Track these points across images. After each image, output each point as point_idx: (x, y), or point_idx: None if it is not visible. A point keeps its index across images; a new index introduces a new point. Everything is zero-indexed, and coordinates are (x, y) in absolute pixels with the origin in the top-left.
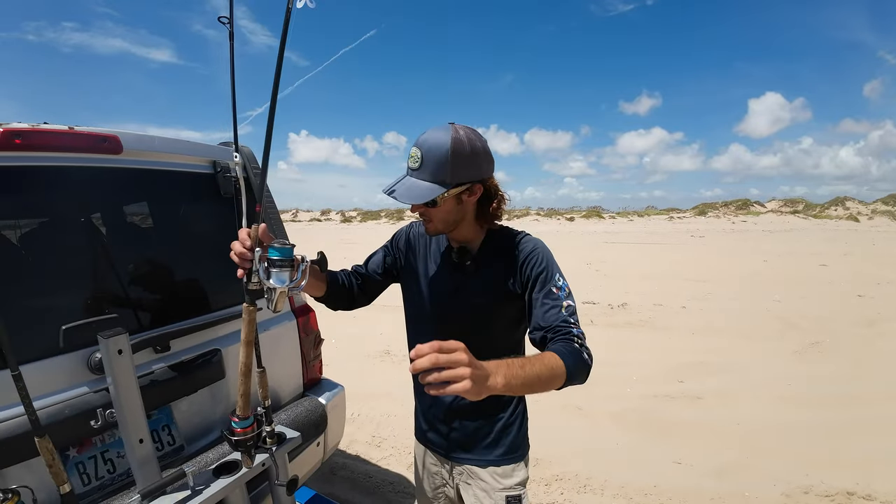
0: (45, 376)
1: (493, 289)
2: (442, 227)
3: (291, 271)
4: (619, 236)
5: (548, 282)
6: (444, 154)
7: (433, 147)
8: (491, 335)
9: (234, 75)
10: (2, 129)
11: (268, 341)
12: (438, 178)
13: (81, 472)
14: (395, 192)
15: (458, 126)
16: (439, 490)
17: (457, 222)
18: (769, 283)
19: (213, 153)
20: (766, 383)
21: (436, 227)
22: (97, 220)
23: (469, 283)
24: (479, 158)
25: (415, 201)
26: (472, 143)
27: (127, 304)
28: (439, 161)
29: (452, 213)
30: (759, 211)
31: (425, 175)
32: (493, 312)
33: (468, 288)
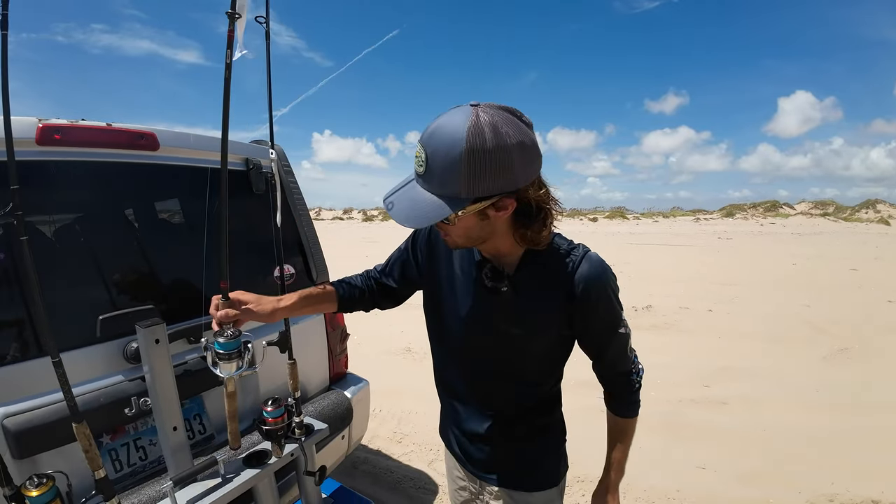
0: (81, 365)
1: (529, 321)
2: (463, 243)
3: (238, 360)
4: (643, 237)
5: (613, 326)
6: (455, 158)
7: (442, 146)
8: (522, 368)
9: (269, 74)
10: (42, 124)
11: (296, 335)
12: (448, 191)
13: (114, 459)
14: (393, 206)
15: (484, 110)
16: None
17: (483, 238)
18: (798, 287)
19: (246, 151)
20: (793, 389)
21: (455, 241)
22: (133, 214)
23: (500, 310)
24: (513, 160)
25: (413, 225)
26: (502, 139)
27: (161, 296)
28: (449, 168)
29: (475, 230)
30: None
31: (431, 185)
32: (528, 346)
33: (499, 315)
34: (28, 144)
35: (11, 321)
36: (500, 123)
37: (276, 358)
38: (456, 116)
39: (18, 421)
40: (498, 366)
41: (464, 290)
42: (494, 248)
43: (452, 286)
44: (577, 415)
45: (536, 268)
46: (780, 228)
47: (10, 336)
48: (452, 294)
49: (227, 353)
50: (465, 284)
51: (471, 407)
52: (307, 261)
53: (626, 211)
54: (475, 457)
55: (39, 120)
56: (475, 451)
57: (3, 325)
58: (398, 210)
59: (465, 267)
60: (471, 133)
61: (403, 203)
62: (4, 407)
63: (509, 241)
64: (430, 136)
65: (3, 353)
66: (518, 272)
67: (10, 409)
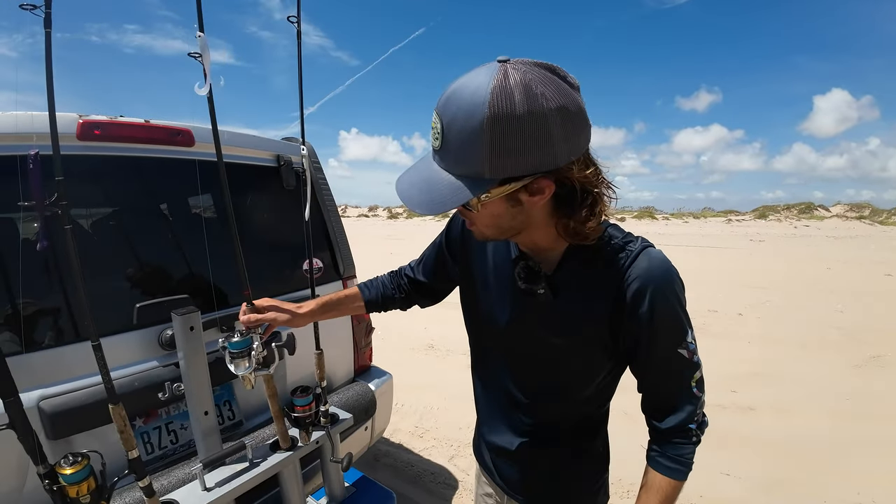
0: (118, 350)
1: (571, 330)
2: (492, 235)
3: (248, 358)
4: (672, 238)
5: (675, 340)
6: (476, 128)
7: (460, 112)
8: (562, 384)
9: (301, 72)
10: (82, 120)
11: (322, 327)
12: (468, 170)
13: (146, 442)
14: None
15: (515, 66)
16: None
17: (517, 229)
18: (831, 292)
19: (277, 147)
20: (823, 396)
21: (482, 232)
22: (169, 208)
23: (538, 316)
24: (550, 130)
25: (427, 211)
26: (536, 103)
27: (196, 287)
28: (468, 141)
29: (506, 219)
30: (823, 215)
31: (448, 163)
32: (569, 360)
33: (536, 321)
34: (69, 139)
35: (51, 308)
36: (535, 83)
37: (304, 348)
38: (478, 76)
39: (54, 403)
40: (535, 378)
41: (499, 290)
42: (532, 242)
43: (487, 284)
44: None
45: (581, 266)
46: (814, 231)
47: (48, 322)
48: (487, 293)
49: (238, 352)
50: (501, 283)
51: (504, 418)
52: (334, 254)
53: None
54: (504, 473)
55: (80, 116)
56: (505, 467)
57: (43, 311)
58: (411, 193)
59: (499, 263)
60: (495, 96)
61: (417, 185)
62: (41, 389)
63: (550, 233)
64: (447, 100)
65: (41, 337)
66: (558, 271)
67: (46, 391)
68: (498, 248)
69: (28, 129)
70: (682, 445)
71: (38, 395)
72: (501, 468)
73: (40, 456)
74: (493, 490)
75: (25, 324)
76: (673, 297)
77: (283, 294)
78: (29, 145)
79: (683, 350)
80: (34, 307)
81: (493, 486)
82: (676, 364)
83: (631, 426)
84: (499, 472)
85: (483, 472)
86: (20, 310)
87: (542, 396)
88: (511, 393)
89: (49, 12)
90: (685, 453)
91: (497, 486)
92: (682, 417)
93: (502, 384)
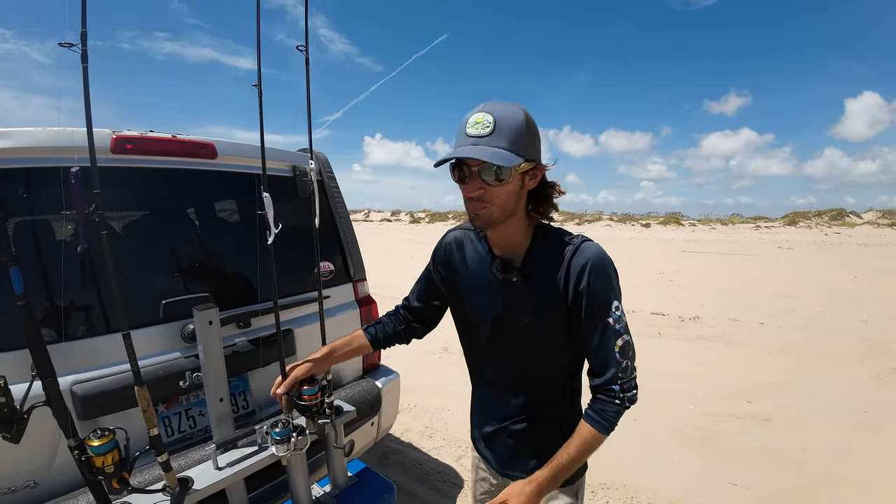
0: (145, 341)
1: (541, 310)
2: (498, 213)
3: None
4: (698, 245)
5: (602, 310)
6: (519, 123)
7: (507, 114)
8: (543, 362)
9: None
10: (115, 135)
11: (332, 327)
12: (514, 147)
13: (167, 426)
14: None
15: None
16: (486, 496)
17: (512, 211)
18: (858, 302)
19: (292, 158)
20: (841, 409)
21: (491, 211)
22: (194, 214)
23: (515, 302)
24: (539, 140)
25: (500, 161)
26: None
27: (217, 286)
28: (515, 129)
29: (513, 197)
30: (855, 222)
31: (500, 141)
32: (545, 338)
33: (514, 308)
34: (103, 153)
35: (87, 303)
36: None
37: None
38: (505, 102)
39: (85, 387)
40: (521, 360)
41: (480, 293)
42: (506, 237)
43: (470, 292)
44: None
45: (541, 258)
46: (844, 238)
47: (83, 315)
48: (471, 299)
49: (280, 439)
50: (481, 287)
51: (497, 402)
52: (346, 259)
53: (681, 217)
54: (499, 454)
55: (113, 132)
56: (499, 448)
57: (79, 306)
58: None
59: (478, 272)
60: (524, 111)
61: (480, 152)
62: (74, 375)
63: (522, 225)
64: (491, 106)
65: (75, 328)
66: (525, 264)
67: (79, 376)
68: (475, 261)
69: (68, 144)
70: (606, 403)
71: (72, 380)
72: (497, 450)
73: (72, 430)
74: (488, 474)
75: (63, 316)
76: (603, 275)
77: (298, 294)
78: (70, 158)
79: (610, 318)
80: (71, 302)
81: (488, 470)
82: (603, 330)
83: (639, 433)
84: (493, 456)
85: (480, 459)
86: (59, 304)
87: (526, 380)
88: (500, 383)
89: (85, 49)
90: (608, 410)
91: (493, 469)
92: (607, 377)
93: (493, 377)
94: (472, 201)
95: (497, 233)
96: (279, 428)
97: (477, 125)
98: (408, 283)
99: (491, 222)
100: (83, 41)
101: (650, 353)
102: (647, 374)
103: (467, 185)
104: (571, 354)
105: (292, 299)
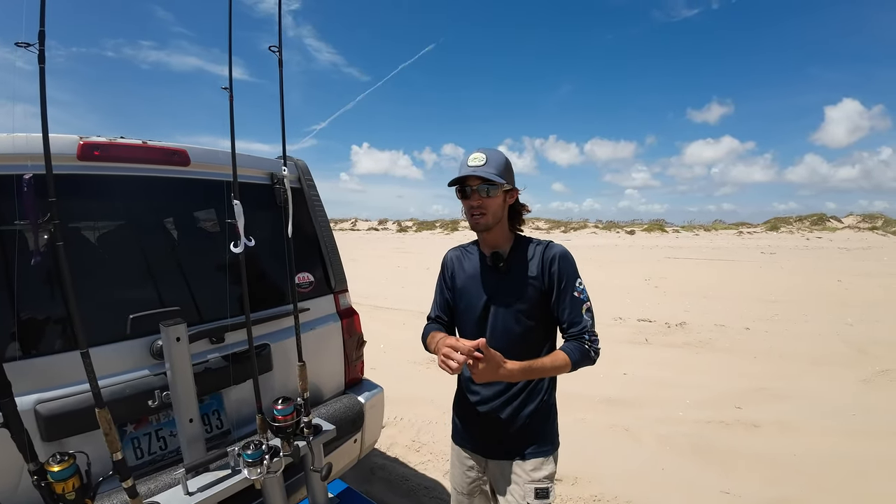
0: (112, 358)
1: (526, 289)
2: (491, 220)
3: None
4: (682, 251)
5: (570, 284)
6: (503, 159)
7: (493, 153)
8: (528, 335)
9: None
10: (82, 141)
11: (313, 340)
12: (499, 174)
13: (136, 447)
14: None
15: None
16: (475, 485)
17: (500, 219)
18: (842, 305)
19: (269, 166)
20: (830, 413)
21: (487, 218)
22: (165, 224)
23: (505, 285)
24: (513, 172)
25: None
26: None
27: (188, 299)
28: (501, 163)
29: (500, 209)
30: (836, 226)
31: (490, 169)
32: (525, 308)
33: (505, 288)
34: (70, 160)
35: (49, 318)
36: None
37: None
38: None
39: (50, 407)
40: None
41: (477, 281)
42: (495, 239)
43: (467, 287)
44: (599, 432)
45: (521, 253)
46: (826, 243)
47: (46, 330)
48: (468, 293)
49: (253, 461)
50: (476, 281)
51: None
52: (326, 269)
53: (665, 224)
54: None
55: (80, 138)
56: (479, 428)
57: (41, 320)
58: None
59: (474, 269)
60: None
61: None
62: (38, 393)
63: (506, 231)
64: (485, 150)
65: (39, 345)
66: (509, 257)
67: (43, 395)
68: (471, 263)
69: (25, 151)
70: (577, 343)
71: (34, 399)
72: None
73: (31, 454)
74: (474, 462)
75: (24, 331)
76: (569, 261)
77: (274, 307)
78: (25, 166)
79: (575, 291)
80: (32, 317)
81: (474, 457)
82: (573, 298)
83: (630, 442)
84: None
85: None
86: (19, 318)
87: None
88: None
89: (42, 49)
90: (578, 348)
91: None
92: (579, 328)
93: None
94: (472, 211)
95: (491, 235)
96: (251, 450)
97: (475, 159)
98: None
99: (487, 226)
100: (41, 41)
101: (638, 360)
102: (635, 382)
103: (469, 199)
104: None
105: (268, 312)
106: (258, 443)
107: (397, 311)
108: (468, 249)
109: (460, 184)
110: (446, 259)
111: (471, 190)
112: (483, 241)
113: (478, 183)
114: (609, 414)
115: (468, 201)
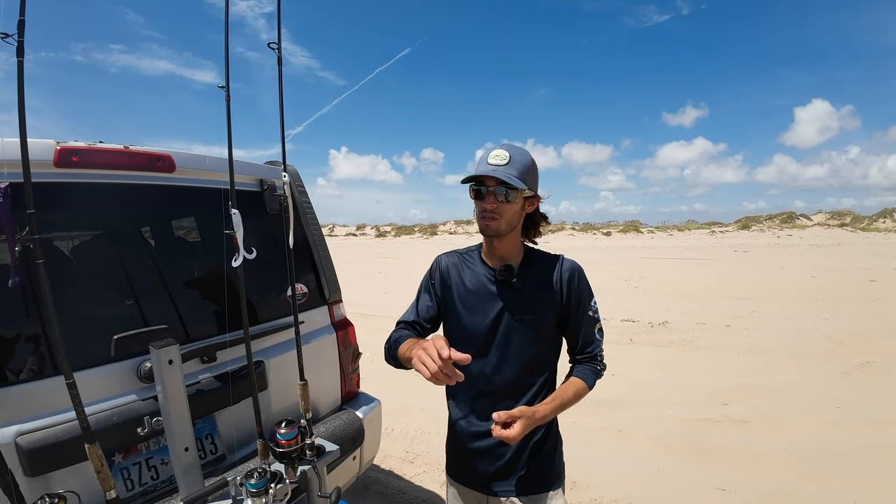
0: (96, 384)
1: (542, 307)
2: (505, 227)
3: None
4: (658, 251)
5: (586, 303)
6: (528, 160)
7: (519, 153)
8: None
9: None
10: (59, 147)
11: (308, 354)
12: (521, 177)
13: (125, 478)
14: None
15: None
16: None
17: (514, 227)
18: (817, 300)
19: (260, 171)
20: (815, 406)
21: (499, 224)
22: (149, 234)
23: (518, 302)
24: (538, 177)
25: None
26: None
27: (177, 317)
28: (525, 164)
29: (516, 216)
30: (805, 224)
31: (513, 171)
32: (541, 328)
33: (518, 307)
34: (46, 166)
35: (28, 341)
36: None
37: (289, 377)
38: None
39: (32, 439)
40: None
41: (481, 295)
42: (506, 249)
43: (467, 302)
44: (593, 435)
45: (532, 267)
46: (797, 240)
47: (26, 355)
48: (468, 308)
49: (258, 491)
50: (480, 296)
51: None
52: (319, 279)
53: (640, 225)
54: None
55: (57, 143)
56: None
57: (20, 344)
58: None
59: (477, 282)
60: (529, 151)
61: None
62: (18, 425)
63: (518, 242)
64: (508, 147)
65: (18, 371)
66: (520, 272)
67: (24, 426)
68: (472, 275)
69: None
70: (591, 366)
71: (14, 431)
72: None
73: (17, 496)
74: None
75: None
76: (585, 279)
77: (269, 321)
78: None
79: (590, 311)
80: (9, 341)
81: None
82: (588, 318)
83: (623, 444)
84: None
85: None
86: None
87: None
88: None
89: (22, 41)
90: (591, 371)
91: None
92: (592, 350)
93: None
94: (485, 214)
95: (501, 244)
96: (255, 479)
97: (497, 157)
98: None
99: (498, 232)
100: (20, 31)
101: (625, 361)
102: (624, 382)
103: (484, 201)
104: (552, 353)
105: (262, 327)
106: (262, 471)
107: (381, 318)
108: (468, 258)
109: (476, 182)
110: (440, 265)
111: (486, 191)
112: (489, 251)
113: (495, 184)
114: (601, 416)
115: (482, 203)
